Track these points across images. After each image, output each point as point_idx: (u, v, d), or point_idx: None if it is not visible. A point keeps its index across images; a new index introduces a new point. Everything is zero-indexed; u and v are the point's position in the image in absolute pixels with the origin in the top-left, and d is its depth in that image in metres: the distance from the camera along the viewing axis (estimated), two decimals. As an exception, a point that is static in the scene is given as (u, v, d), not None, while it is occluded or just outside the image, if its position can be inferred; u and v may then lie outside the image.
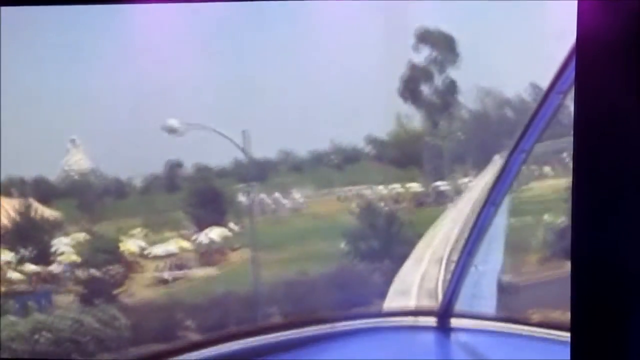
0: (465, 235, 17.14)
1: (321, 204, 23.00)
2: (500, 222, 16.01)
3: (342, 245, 21.18)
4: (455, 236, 19.49)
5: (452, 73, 21.84)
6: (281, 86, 20.45)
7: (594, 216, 2.78)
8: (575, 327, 2.76)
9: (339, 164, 23.15)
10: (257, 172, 22.28)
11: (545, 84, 21.26)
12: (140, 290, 20.13)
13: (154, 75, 19.34)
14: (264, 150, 21.85)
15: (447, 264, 18.25)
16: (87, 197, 22.14)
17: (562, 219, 19.06)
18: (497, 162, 21.67)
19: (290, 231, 22.27)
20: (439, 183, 22.60)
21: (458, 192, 22.54)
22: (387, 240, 21.05)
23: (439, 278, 18.10)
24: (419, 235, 20.80)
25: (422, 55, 21.71)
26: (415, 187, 22.95)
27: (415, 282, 18.67)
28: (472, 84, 21.99)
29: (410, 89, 21.58)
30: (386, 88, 21.57)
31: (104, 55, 19.69)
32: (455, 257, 17.15)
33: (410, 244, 20.71)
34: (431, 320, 5.16)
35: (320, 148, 22.91)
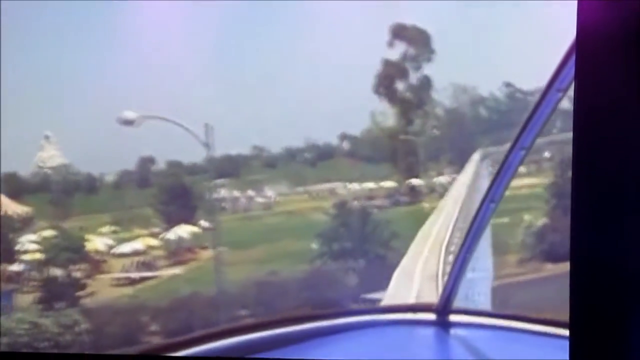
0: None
1: (294, 201, 22.47)
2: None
3: (315, 245, 20.40)
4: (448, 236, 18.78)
5: (428, 70, 21.25)
6: (255, 82, 20.23)
7: (594, 213, 2.10)
8: (574, 324, 2.06)
9: (312, 161, 22.91)
10: (231, 168, 22.15)
11: (519, 82, 22.14)
12: (104, 291, 19.28)
13: (130, 69, 18.99)
14: (238, 146, 21.85)
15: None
16: (59, 193, 21.64)
17: (541, 220, 18.67)
18: (476, 160, 21.48)
19: (262, 229, 21.59)
20: (413, 180, 22.02)
21: (432, 189, 22.08)
22: (361, 241, 20.30)
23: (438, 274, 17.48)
24: (394, 235, 20.03)
25: (397, 52, 21.16)
26: (389, 184, 22.39)
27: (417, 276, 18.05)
28: (448, 81, 21.59)
29: (385, 85, 21.01)
30: (361, 85, 21.08)
31: (76, 49, 19.61)
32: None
33: (385, 245, 20.09)
34: (430, 316, 5.04)
35: (294, 145, 22.79)
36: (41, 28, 19.45)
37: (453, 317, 4.54)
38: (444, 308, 4.51)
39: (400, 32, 20.55)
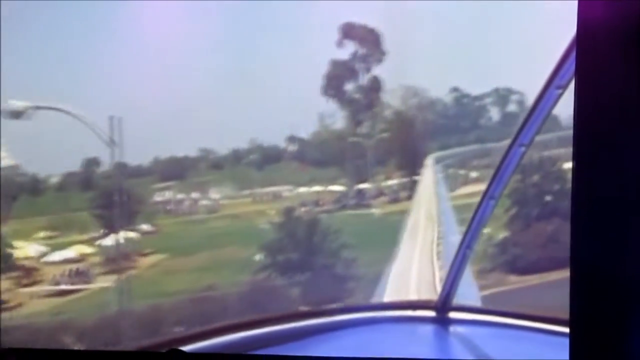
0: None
1: (240, 205, 21.52)
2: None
3: (258, 256, 19.21)
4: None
5: (378, 71, 20.25)
6: (203, 81, 19.22)
7: (594, 213, 2.51)
8: (573, 322, 2.45)
9: (259, 164, 21.87)
10: (177, 170, 21.27)
11: (467, 87, 21.49)
12: (27, 304, 17.68)
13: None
14: (185, 148, 20.79)
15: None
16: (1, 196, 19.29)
17: (501, 233, 17.76)
18: (431, 165, 20.69)
19: (206, 234, 20.55)
20: (362, 185, 21.02)
21: (381, 193, 21.10)
22: (309, 252, 19.21)
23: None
24: (344, 245, 18.92)
25: (347, 52, 20.15)
26: (337, 188, 21.39)
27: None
28: (398, 83, 20.59)
29: (333, 86, 19.96)
30: (310, 86, 20.19)
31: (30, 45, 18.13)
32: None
33: (334, 255, 18.89)
34: (430, 313, 5.65)
35: (242, 147, 21.78)
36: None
37: (452, 314, 4.18)
38: (443, 305, 4.56)
39: (349, 32, 19.58)
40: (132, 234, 19.84)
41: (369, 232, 19.21)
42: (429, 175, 19.91)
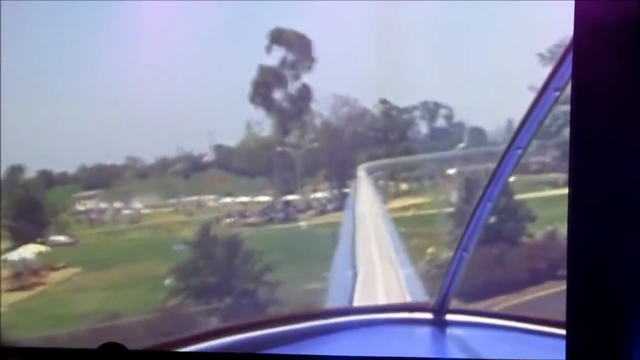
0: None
1: (163, 215, 20.26)
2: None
3: (169, 281, 17.13)
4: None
5: (307, 78, 19.06)
6: (129, 89, 18.36)
7: (590, 213, 1.87)
8: (570, 324, 1.90)
9: (186, 172, 20.94)
10: (103, 179, 20.27)
11: (395, 100, 20.80)
12: None
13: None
14: (112, 156, 19.79)
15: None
16: None
17: (445, 252, 16.58)
18: (362, 176, 19.70)
19: (125, 246, 19.15)
20: (289, 196, 19.79)
21: (309, 207, 19.89)
22: (228, 275, 17.26)
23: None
24: (267, 268, 17.03)
25: (276, 58, 18.90)
26: (264, 199, 20.25)
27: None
28: (329, 92, 19.50)
29: (261, 94, 18.64)
30: (237, 93, 18.93)
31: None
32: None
33: (256, 279, 16.98)
34: (427, 315, 4.67)
35: (169, 155, 20.76)
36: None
37: (449, 317, 4.23)
38: (440, 307, 4.20)
39: (279, 37, 18.35)
40: (42, 247, 18.03)
41: (295, 248, 17.98)
42: (363, 187, 18.80)
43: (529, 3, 16.77)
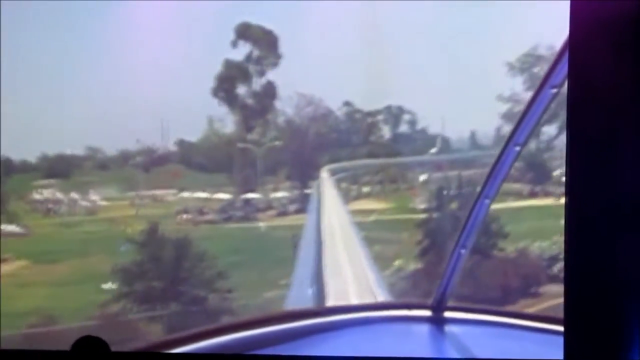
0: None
1: (120, 208, 19.49)
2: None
3: (112, 284, 15.79)
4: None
5: (273, 75, 18.34)
6: (93, 79, 17.95)
7: (587, 211, 2.04)
8: (567, 320, 2.13)
9: (146, 166, 20.31)
10: (62, 168, 19.64)
11: (359, 103, 20.52)
12: None
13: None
14: (72, 145, 19.21)
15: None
16: None
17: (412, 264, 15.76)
18: (325, 178, 19.07)
19: (78, 238, 18.09)
20: (249, 195, 19.05)
21: (270, 206, 19.18)
22: (176, 279, 15.81)
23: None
24: (220, 275, 15.71)
25: (241, 53, 18.19)
26: (223, 196, 19.52)
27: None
28: (293, 90, 18.86)
29: (225, 89, 17.88)
30: (200, 87, 18.28)
31: None
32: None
33: (208, 285, 15.57)
34: (425, 313, 4.78)
35: (130, 148, 20.24)
36: None
37: (448, 314, 4.16)
38: (439, 305, 4.15)
39: (245, 32, 17.62)
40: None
41: (253, 250, 17.10)
42: (326, 189, 18.11)
43: (501, 11, 16.44)
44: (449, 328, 4.31)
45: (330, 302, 13.92)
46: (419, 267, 15.48)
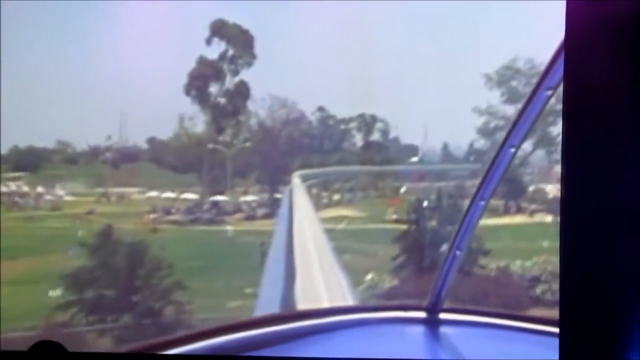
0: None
1: (86, 204, 18.70)
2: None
3: (59, 291, 14.11)
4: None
5: (246, 75, 17.59)
6: (68, 72, 17.56)
7: (583, 212, 1.78)
8: (563, 322, 1.80)
9: (116, 162, 19.80)
10: (31, 161, 19.08)
11: (333, 108, 20.24)
12: None
13: None
14: (44, 138, 18.81)
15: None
16: None
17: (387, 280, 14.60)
18: (297, 183, 18.36)
19: (40, 234, 17.23)
20: (218, 197, 18.30)
21: (238, 209, 18.43)
22: (129, 289, 14.02)
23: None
24: (179, 285, 14.07)
25: (215, 51, 17.39)
26: (191, 197, 18.77)
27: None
28: (267, 91, 18.16)
29: (197, 87, 17.06)
30: (173, 83, 17.60)
31: None
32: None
33: (164, 297, 13.83)
34: (420, 314, 4.44)
35: (101, 143, 19.74)
36: None
37: (443, 315, 3.97)
38: (434, 306, 3.96)
39: (220, 29, 16.82)
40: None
41: (218, 256, 16.19)
42: (297, 195, 17.33)
43: (481, 22, 15.99)
44: (444, 329, 4.24)
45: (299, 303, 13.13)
46: (394, 283, 14.29)
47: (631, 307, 1.67)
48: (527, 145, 16.28)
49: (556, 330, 1.73)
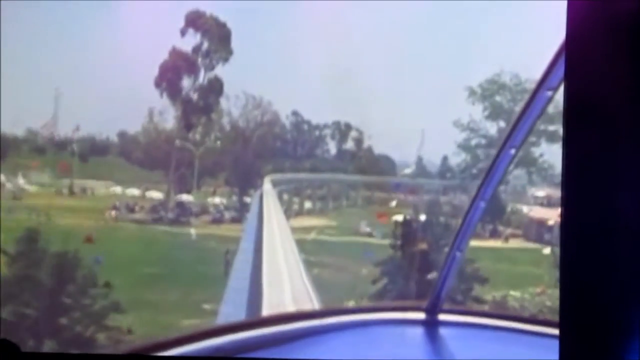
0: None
1: (47, 196, 17.41)
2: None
3: None
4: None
5: (221, 71, 16.31)
6: (38, 58, 16.47)
7: (584, 214, 1.52)
8: (563, 324, 1.56)
9: (85, 154, 18.72)
10: None
11: (308, 114, 19.51)
12: None
13: None
14: (15, 125, 17.75)
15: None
16: None
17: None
18: (268, 188, 17.07)
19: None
20: (184, 197, 16.97)
21: (205, 211, 17.10)
22: (55, 308, 10.72)
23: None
24: (116, 307, 11.16)
25: (189, 43, 16.04)
26: (156, 195, 17.55)
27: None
28: (241, 89, 16.85)
29: (168, 79, 15.64)
30: (144, 74, 16.28)
31: None
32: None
33: (98, 322, 10.71)
34: (419, 315, 3.83)
35: (74, 135, 18.79)
36: None
37: (442, 317, 3.69)
38: (433, 307, 3.71)
39: (195, 20, 15.45)
40: None
41: (178, 261, 14.21)
42: (267, 200, 15.92)
43: (467, 33, 15.05)
44: (444, 331, 3.91)
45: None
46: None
47: (632, 308, 1.57)
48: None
49: (556, 331, 1.65)
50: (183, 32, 15.51)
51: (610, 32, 1.55)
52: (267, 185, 16.63)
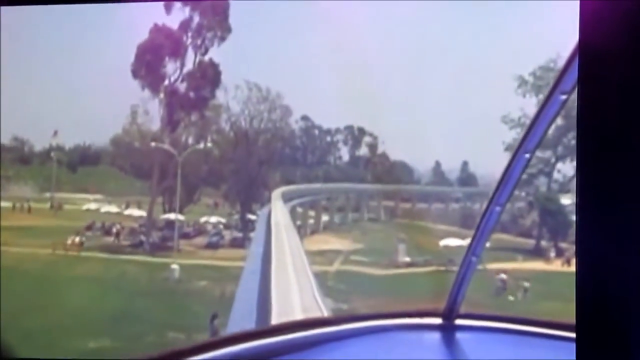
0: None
1: (33, 212, 14.38)
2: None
3: None
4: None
5: (217, 54, 11.89)
6: (27, 73, 13.70)
7: (600, 218, 1.26)
8: (580, 327, 1.28)
9: (73, 164, 16.24)
10: None
11: (318, 118, 17.15)
12: None
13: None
14: (3, 134, 15.00)
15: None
16: None
17: None
18: (278, 204, 12.87)
19: None
20: (172, 215, 12.72)
21: (199, 232, 12.83)
22: None
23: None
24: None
25: (177, 19, 11.63)
26: (137, 213, 13.98)
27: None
28: (242, 77, 12.51)
29: (148, 65, 11.22)
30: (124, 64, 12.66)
31: None
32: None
33: None
34: (436, 320, 2.40)
35: (65, 143, 16.55)
36: None
37: (459, 321, 2.86)
38: (450, 312, 2.87)
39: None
40: None
41: (145, 320, 9.33)
42: (278, 218, 11.55)
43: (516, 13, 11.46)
44: (461, 335, 2.78)
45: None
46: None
47: None
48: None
49: (573, 335, 1.48)
50: (167, 7, 11.12)
51: (624, 33, 1.35)
52: (276, 201, 12.19)
